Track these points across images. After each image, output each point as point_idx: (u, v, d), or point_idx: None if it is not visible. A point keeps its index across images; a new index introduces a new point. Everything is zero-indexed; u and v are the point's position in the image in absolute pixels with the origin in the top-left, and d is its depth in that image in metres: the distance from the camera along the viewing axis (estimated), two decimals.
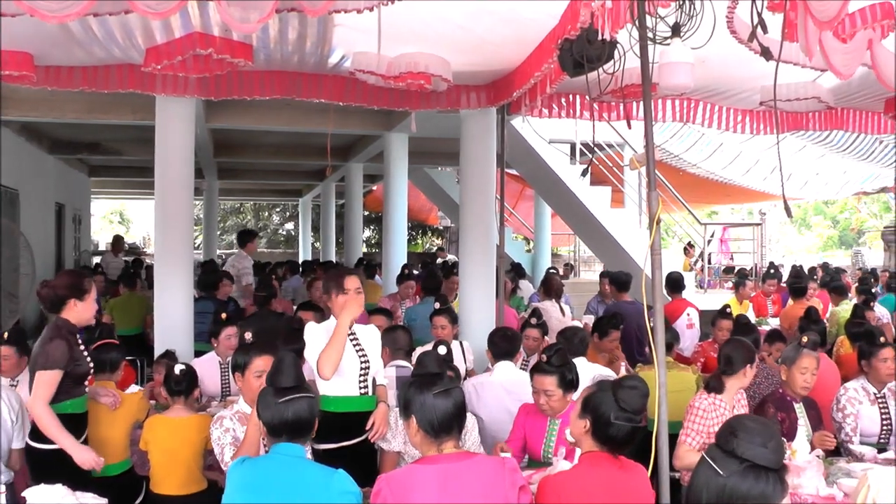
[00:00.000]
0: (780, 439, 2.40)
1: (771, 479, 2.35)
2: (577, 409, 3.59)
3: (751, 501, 2.33)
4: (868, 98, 7.92)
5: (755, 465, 2.36)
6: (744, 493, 2.34)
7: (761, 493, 2.33)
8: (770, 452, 2.36)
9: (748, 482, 2.35)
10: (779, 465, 2.37)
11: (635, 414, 3.51)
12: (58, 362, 4.73)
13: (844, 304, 10.64)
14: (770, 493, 2.34)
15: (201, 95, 7.11)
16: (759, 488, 2.34)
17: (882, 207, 31.37)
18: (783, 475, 2.38)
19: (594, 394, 3.55)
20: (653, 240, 4.08)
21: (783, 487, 2.37)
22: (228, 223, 42.58)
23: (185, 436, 5.12)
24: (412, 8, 5.01)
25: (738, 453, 2.35)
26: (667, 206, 14.82)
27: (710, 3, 4.46)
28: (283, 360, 3.65)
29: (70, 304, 4.94)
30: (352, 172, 18.40)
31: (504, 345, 6.03)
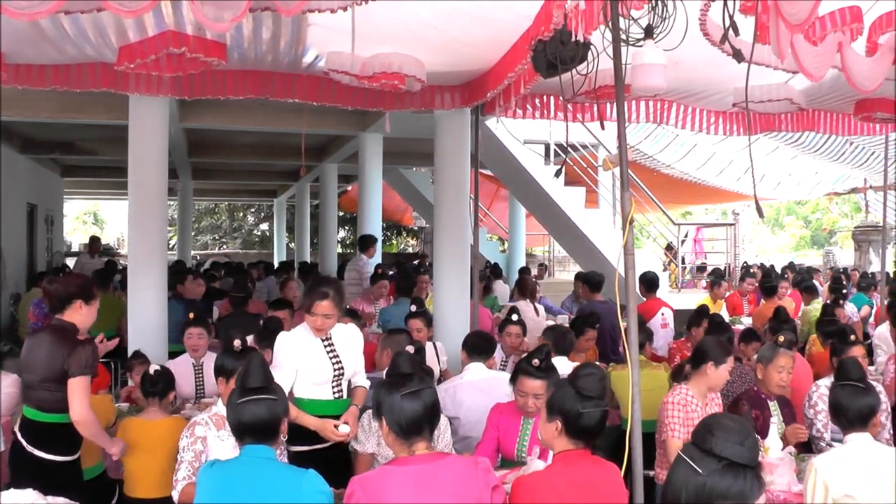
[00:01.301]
0: (755, 437, 2.42)
1: (748, 476, 2.37)
2: (543, 415, 3.60)
3: (730, 499, 2.35)
4: (839, 100, 8.01)
5: (733, 462, 2.37)
6: (723, 491, 2.35)
7: (740, 491, 2.35)
8: (747, 450, 2.38)
9: (727, 480, 2.36)
10: (755, 463, 2.40)
11: (600, 399, 3.56)
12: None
13: (815, 303, 10.76)
14: (748, 490, 2.36)
15: (175, 95, 7.06)
16: (738, 486, 2.35)
17: (853, 208, 31.65)
18: (759, 472, 2.41)
19: (555, 395, 3.59)
20: (626, 240, 4.09)
21: (760, 484, 2.39)
22: (203, 224, 42.36)
23: (160, 438, 5.07)
24: (386, 8, 5.02)
25: (717, 452, 2.37)
26: (640, 206, 14.89)
27: (683, 5, 4.48)
28: (251, 361, 3.63)
29: (76, 305, 4.89)
30: (326, 173, 18.37)
31: (480, 344, 6.03)
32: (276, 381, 3.81)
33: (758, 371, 5.56)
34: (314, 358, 4.94)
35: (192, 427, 4.49)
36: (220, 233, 42.33)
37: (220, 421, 4.48)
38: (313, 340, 4.97)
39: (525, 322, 7.46)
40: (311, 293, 4.96)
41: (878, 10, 5.33)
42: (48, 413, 4.73)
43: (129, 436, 5.12)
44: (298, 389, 4.93)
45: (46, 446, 4.72)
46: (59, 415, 4.71)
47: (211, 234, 42.21)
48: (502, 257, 19.35)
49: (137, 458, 5.08)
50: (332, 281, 5.18)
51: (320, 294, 4.89)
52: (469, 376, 5.86)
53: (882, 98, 7.59)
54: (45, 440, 4.73)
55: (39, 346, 4.80)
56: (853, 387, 4.40)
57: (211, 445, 4.44)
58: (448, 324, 8.26)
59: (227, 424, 4.30)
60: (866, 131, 9.15)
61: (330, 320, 4.94)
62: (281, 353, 4.91)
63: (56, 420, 4.72)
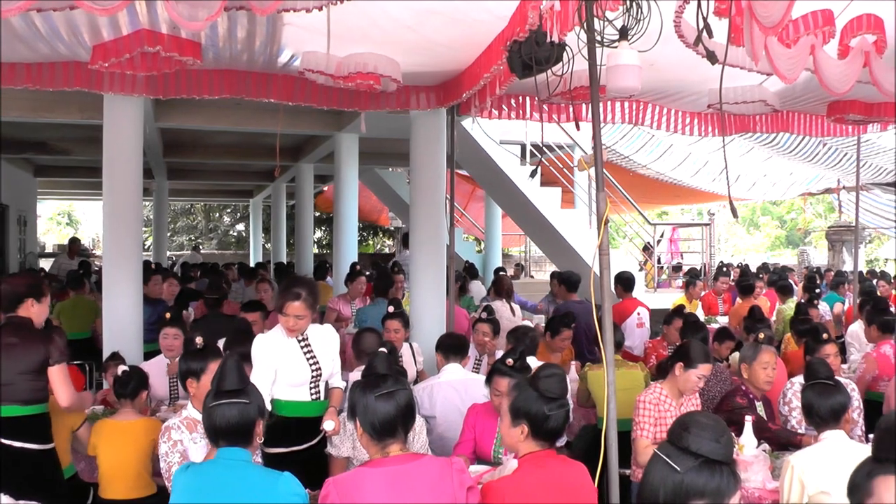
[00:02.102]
0: (730, 434, 2.43)
1: (725, 472, 2.38)
2: (507, 420, 3.59)
3: (707, 496, 2.36)
4: (812, 101, 8.08)
5: (709, 459, 2.39)
6: (700, 488, 2.37)
7: (717, 488, 2.37)
8: (722, 447, 2.40)
9: (703, 477, 2.38)
10: (730, 459, 2.41)
11: (562, 398, 3.58)
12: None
13: (790, 302, 10.84)
14: (724, 486, 2.37)
15: (150, 94, 7.01)
16: (715, 482, 2.37)
17: (827, 208, 31.91)
18: (735, 469, 2.42)
19: (518, 398, 3.58)
20: (601, 240, 4.11)
21: (736, 480, 2.41)
22: (179, 224, 42.11)
23: (134, 440, 5.04)
24: (361, 8, 5.01)
25: (693, 449, 2.38)
26: (616, 206, 14.95)
27: (658, 6, 4.50)
28: (226, 363, 3.62)
29: (27, 304, 4.94)
30: (302, 173, 18.32)
31: (454, 345, 6.05)
32: (255, 383, 3.80)
33: (743, 371, 5.64)
34: (291, 360, 4.93)
35: (168, 432, 4.46)
36: (195, 233, 42.08)
37: (191, 424, 4.46)
38: (290, 342, 4.96)
39: (500, 322, 7.47)
40: (284, 294, 4.95)
41: (850, 13, 5.38)
42: (29, 405, 4.83)
43: (103, 437, 5.08)
44: (276, 391, 4.93)
45: (30, 437, 4.81)
46: (39, 405, 4.87)
47: (187, 234, 41.96)
48: (478, 257, 19.34)
49: (112, 459, 5.05)
50: (305, 281, 5.16)
51: (293, 295, 4.87)
52: (446, 377, 5.87)
53: (854, 100, 7.68)
54: (27, 432, 4.81)
55: (8, 341, 4.82)
56: (822, 385, 4.46)
57: (187, 447, 4.42)
58: (424, 324, 8.26)
59: (199, 427, 4.30)
60: (839, 132, 9.24)
61: (302, 321, 4.92)
62: (258, 356, 4.89)
63: (37, 411, 4.86)
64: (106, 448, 5.06)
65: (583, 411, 6.76)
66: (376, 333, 6.35)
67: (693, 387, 5.12)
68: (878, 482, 2.38)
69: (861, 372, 7.14)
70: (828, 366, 4.79)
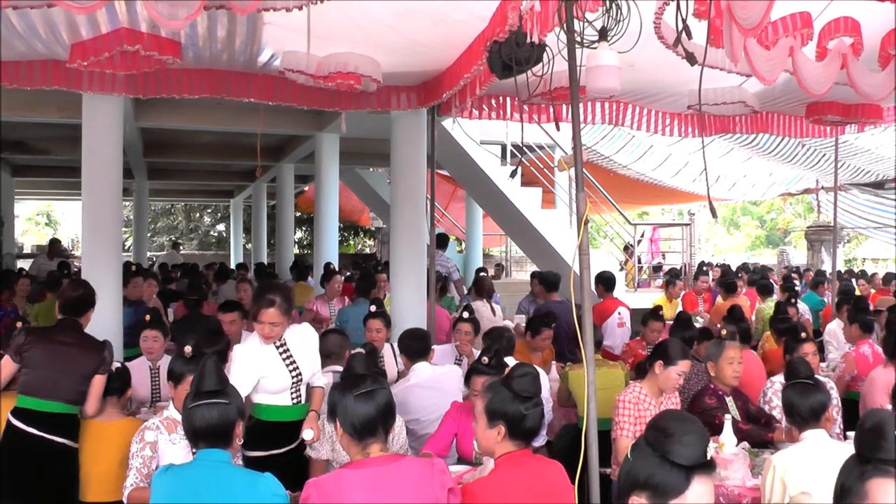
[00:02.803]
0: (705, 437, 2.39)
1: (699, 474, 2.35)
2: (483, 422, 3.55)
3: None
4: (791, 103, 8.14)
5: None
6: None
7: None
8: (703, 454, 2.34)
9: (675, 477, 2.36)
10: (704, 461, 2.38)
11: (536, 397, 3.59)
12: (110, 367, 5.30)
13: (770, 301, 10.91)
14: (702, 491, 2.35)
15: (129, 93, 6.97)
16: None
17: (806, 208, 32.09)
18: (711, 471, 2.39)
19: (493, 400, 3.55)
20: (581, 240, 4.12)
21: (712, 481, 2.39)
22: (159, 224, 41.90)
23: (116, 440, 4.98)
24: (342, 8, 5.01)
25: (671, 458, 2.32)
26: (597, 206, 14.97)
27: (637, 8, 4.51)
28: (205, 364, 3.60)
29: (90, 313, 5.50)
30: (283, 173, 18.27)
31: (415, 345, 6.04)
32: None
33: (710, 369, 5.64)
34: (272, 368, 4.88)
35: (143, 432, 4.44)
36: (176, 234, 41.88)
37: (171, 425, 4.44)
38: (268, 350, 4.90)
39: (480, 322, 7.48)
40: (257, 301, 4.86)
41: (827, 16, 5.43)
42: (72, 405, 5.14)
43: (87, 438, 5.05)
44: (257, 396, 4.89)
45: (68, 435, 5.09)
46: (77, 406, 5.17)
47: (167, 234, 41.75)
48: (459, 258, 19.32)
49: (94, 460, 5.01)
50: (279, 287, 5.03)
51: (267, 302, 4.80)
52: (416, 378, 5.87)
53: (832, 101, 7.75)
54: (67, 430, 5.10)
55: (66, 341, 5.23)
56: (802, 384, 4.48)
57: (162, 450, 4.39)
58: (406, 324, 8.20)
59: (178, 428, 4.28)
60: (817, 133, 9.32)
61: (277, 328, 4.85)
62: (239, 366, 4.84)
63: (76, 412, 5.18)
64: (88, 448, 5.02)
65: (563, 411, 6.77)
66: (341, 335, 6.32)
67: (674, 384, 5.15)
68: (872, 485, 2.38)
69: (840, 372, 7.20)
70: (808, 365, 4.82)
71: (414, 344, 6.06)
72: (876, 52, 5.87)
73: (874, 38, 5.71)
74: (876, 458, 2.40)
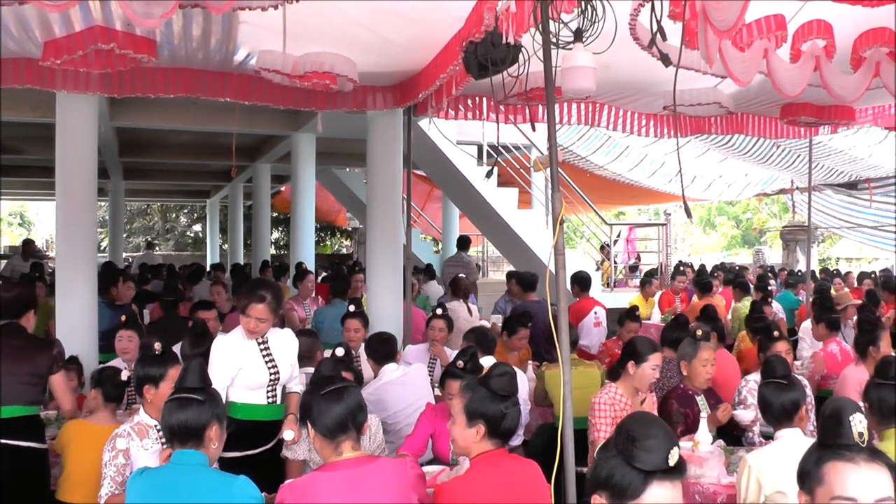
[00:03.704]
0: (669, 442, 2.38)
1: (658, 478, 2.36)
2: (462, 421, 3.56)
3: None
4: (765, 104, 8.20)
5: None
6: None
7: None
8: (664, 461, 2.33)
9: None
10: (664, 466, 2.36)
11: (514, 396, 3.62)
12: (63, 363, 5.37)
13: (746, 300, 10.97)
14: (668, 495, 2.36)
15: (104, 92, 6.91)
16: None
17: (781, 208, 32.30)
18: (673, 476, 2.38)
19: (472, 400, 3.56)
20: (556, 240, 4.13)
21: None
22: (135, 225, 41.63)
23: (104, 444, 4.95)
24: (317, 7, 5.00)
25: (630, 461, 2.32)
26: (573, 207, 15.03)
27: (612, 9, 4.53)
28: (189, 364, 3.60)
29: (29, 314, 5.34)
30: (259, 173, 18.22)
31: (381, 348, 6.05)
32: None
33: (683, 368, 5.65)
34: (250, 362, 4.89)
35: (114, 440, 4.38)
36: (152, 234, 41.62)
37: (142, 430, 4.38)
38: (249, 344, 4.92)
39: (457, 323, 7.49)
40: (248, 295, 4.88)
41: (801, 18, 5.48)
42: (30, 406, 5.10)
43: (74, 438, 4.95)
44: (233, 394, 4.88)
45: (33, 437, 5.05)
46: (37, 407, 5.18)
47: (143, 235, 41.48)
48: (436, 258, 19.34)
49: (80, 462, 4.93)
50: (270, 285, 5.09)
51: (257, 297, 4.83)
52: (387, 377, 5.88)
53: (806, 103, 7.82)
54: (30, 432, 5.05)
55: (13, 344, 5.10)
56: (776, 384, 4.51)
57: (134, 456, 4.32)
58: (382, 324, 8.23)
59: (150, 433, 4.26)
60: (791, 135, 9.40)
61: (263, 324, 4.88)
62: (217, 356, 4.84)
63: (36, 412, 5.16)
64: (76, 449, 4.95)
65: (540, 410, 6.79)
66: (311, 336, 6.31)
67: (650, 379, 5.20)
68: (827, 469, 2.41)
69: (810, 371, 7.26)
70: (785, 363, 4.84)
71: (380, 347, 6.06)
72: (848, 54, 5.94)
73: (846, 40, 5.77)
74: (835, 444, 2.44)
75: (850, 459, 2.39)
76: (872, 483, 2.36)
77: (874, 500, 2.34)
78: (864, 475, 2.36)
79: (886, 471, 2.38)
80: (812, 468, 2.46)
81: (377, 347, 6.07)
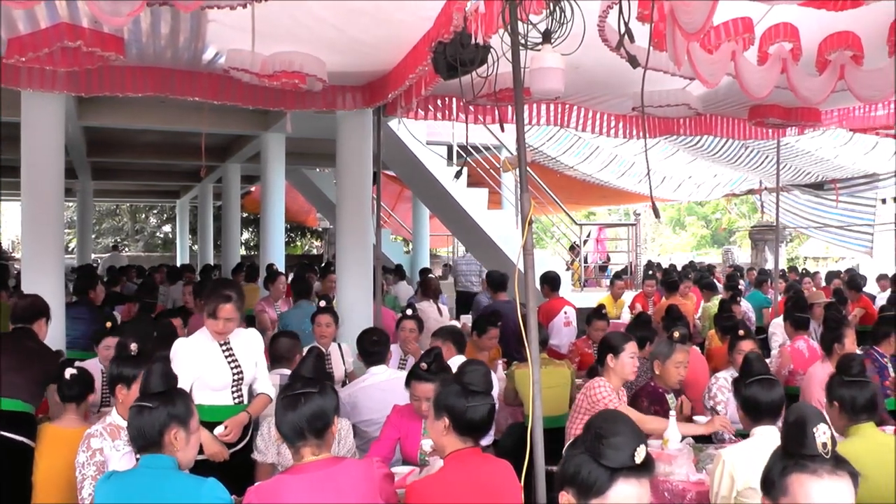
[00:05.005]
0: (637, 440, 2.39)
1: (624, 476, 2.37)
2: (431, 414, 3.61)
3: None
4: (733, 105, 8.27)
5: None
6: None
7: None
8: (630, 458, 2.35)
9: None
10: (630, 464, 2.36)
11: (487, 394, 3.63)
12: None
13: (715, 299, 11.06)
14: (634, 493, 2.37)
15: (71, 91, 6.81)
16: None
17: (750, 208, 32.52)
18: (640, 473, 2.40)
19: (441, 393, 3.61)
20: (525, 240, 4.14)
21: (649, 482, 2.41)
22: (104, 226, 41.22)
23: (74, 447, 4.86)
24: (286, 6, 4.99)
25: (597, 458, 2.34)
26: (543, 207, 15.08)
27: (581, 11, 4.54)
28: (152, 367, 3.56)
29: (41, 321, 5.64)
30: (229, 173, 18.14)
31: (374, 350, 6.03)
32: None
33: (656, 367, 5.70)
34: (212, 363, 4.88)
35: (88, 440, 4.34)
36: (121, 235, 41.26)
37: (114, 431, 4.35)
38: (211, 345, 4.91)
39: (427, 323, 7.48)
40: (214, 297, 4.87)
41: (768, 21, 5.54)
42: (29, 403, 5.16)
43: (44, 442, 4.90)
44: (198, 396, 4.84)
45: (27, 434, 5.01)
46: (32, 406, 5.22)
47: (112, 236, 41.09)
48: (406, 258, 19.34)
49: (49, 467, 4.87)
50: (231, 283, 5.13)
51: (224, 297, 4.83)
52: (371, 380, 5.86)
53: (773, 104, 7.90)
54: (26, 428, 5.04)
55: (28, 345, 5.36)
56: (767, 381, 4.50)
57: (107, 456, 4.31)
58: (352, 324, 8.21)
59: (122, 434, 4.22)
60: (759, 136, 9.49)
61: (232, 323, 4.89)
62: (177, 360, 4.80)
63: (32, 410, 5.21)
64: (45, 455, 4.91)
65: (510, 410, 6.80)
66: (292, 338, 6.30)
67: (632, 367, 5.37)
68: (791, 480, 2.45)
69: (776, 366, 7.34)
70: (763, 361, 4.86)
71: (373, 347, 6.04)
72: (814, 57, 6.01)
73: (812, 43, 5.84)
74: (798, 454, 2.47)
75: (814, 472, 2.43)
76: (834, 493, 2.40)
77: None
78: (827, 486, 2.41)
79: (849, 479, 2.43)
80: (777, 478, 2.50)
81: (368, 347, 6.05)
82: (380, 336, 6.22)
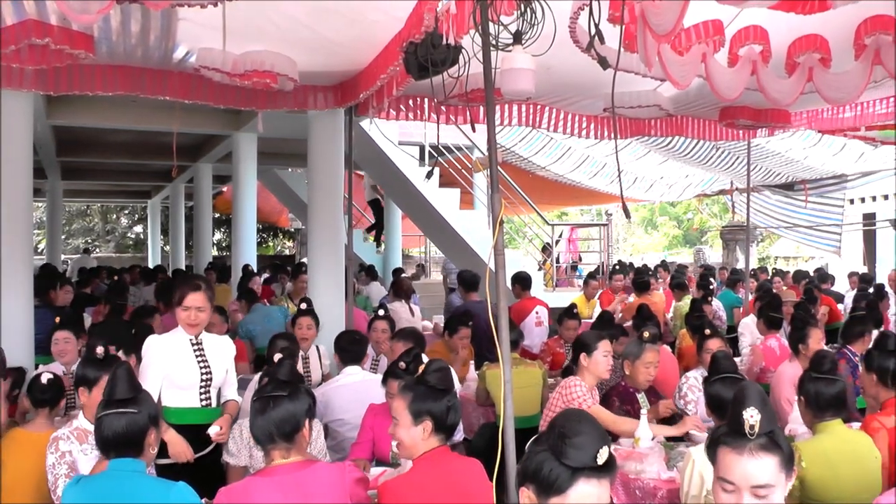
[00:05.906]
0: (600, 440, 2.38)
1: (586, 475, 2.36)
2: (407, 421, 3.55)
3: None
4: (704, 107, 8.33)
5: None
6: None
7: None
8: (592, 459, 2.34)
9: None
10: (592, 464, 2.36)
11: (452, 390, 3.68)
12: None
13: (686, 299, 11.12)
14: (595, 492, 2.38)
15: (39, 90, 6.68)
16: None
17: (721, 208, 32.76)
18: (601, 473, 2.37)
19: (416, 398, 3.57)
20: (496, 240, 4.14)
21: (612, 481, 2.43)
22: (74, 226, 40.79)
23: (42, 451, 4.81)
24: (257, 6, 4.97)
25: (559, 457, 2.35)
26: (515, 207, 15.11)
27: (552, 12, 4.55)
28: (116, 372, 3.54)
29: None
30: (201, 173, 18.01)
31: (352, 349, 6.02)
32: (144, 387, 3.72)
33: (626, 367, 5.74)
34: (181, 359, 4.85)
35: (55, 443, 4.31)
36: (92, 235, 40.86)
37: (81, 435, 4.32)
38: (182, 341, 4.89)
39: (399, 323, 7.48)
40: (182, 286, 4.89)
41: (738, 24, 5.58)
42: None
43: (13, 446, 4.84)
44: (166, 398, 4.82)
45: None
46: None
47: (83, 237, 40.70)
48: (378, 258, 19.31)
49: (17, 470, 4.80)
50: (201, 276, 5.12)
51: (192, 286, 4.84)
52: (345, 380, 5.85)
53: (744, 106, 7.96)
54: None
55: None
56: (731, 379, 4.56)
57: (76, 458, 4.28)
58: (324, 325, 8.16)
59: (89, 438, 4.18)
60: (730, 137, 9.55)
61: (203, 314, 4.87)
62: (148, 355, 4.80)
63: None
64: (13, 459, 4.85)
65: (483, 409, 6.82)
66: (286, 339, 6.27)
67: (606, 365, 5.44)
68: (720, 451, 2.58)
69: (748, 364, 7.41)
70: (731, 359, 4.93)
71: (351, 347, 6.04)
72: (783, 59, 6.07)
73: (782, 46, 5.89)
74: (731, 430, 2.56)
75: (737, 448, 2.52)
76: (753, 471, 2.49)
77: (749, 486, 2.48)
78: (746, 464, 2.50)
79: (775, 461, 2.51)
80: (711, 448, 2.63)
81: (346, 347, 6.03)
82: (361, 336, 6.24)
